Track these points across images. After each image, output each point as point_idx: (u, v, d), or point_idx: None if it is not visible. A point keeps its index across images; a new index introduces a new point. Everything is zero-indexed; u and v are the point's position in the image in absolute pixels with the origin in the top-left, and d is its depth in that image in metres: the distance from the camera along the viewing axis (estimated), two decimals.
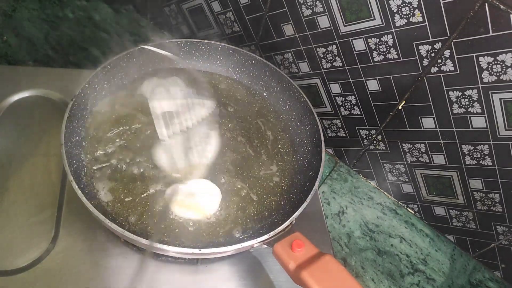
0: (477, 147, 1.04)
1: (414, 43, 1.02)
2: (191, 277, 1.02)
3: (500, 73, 0.92)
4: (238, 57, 1.33)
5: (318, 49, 1.21)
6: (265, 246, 0.94)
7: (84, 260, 0.99)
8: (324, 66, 1.23)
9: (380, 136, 1.22)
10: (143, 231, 0.97)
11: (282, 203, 1.11)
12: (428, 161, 1.16)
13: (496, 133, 0.99)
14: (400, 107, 1.13)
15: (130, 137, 1.12)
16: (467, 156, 1.07)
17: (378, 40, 1.08)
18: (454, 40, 0.95)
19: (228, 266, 1.05)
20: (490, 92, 0.96)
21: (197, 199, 1.01)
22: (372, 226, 1.43)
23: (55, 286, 0.94)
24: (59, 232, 1.02)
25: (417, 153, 1.16)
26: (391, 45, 1.06)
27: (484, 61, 0.93)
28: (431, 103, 1.07)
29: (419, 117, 1.11)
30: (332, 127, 1.33)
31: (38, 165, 1.14)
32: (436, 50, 0.99)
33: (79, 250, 1.00)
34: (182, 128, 1.11)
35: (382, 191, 1.33)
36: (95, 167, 1.05)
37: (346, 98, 1.23)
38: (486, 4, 0.88)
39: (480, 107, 0.99)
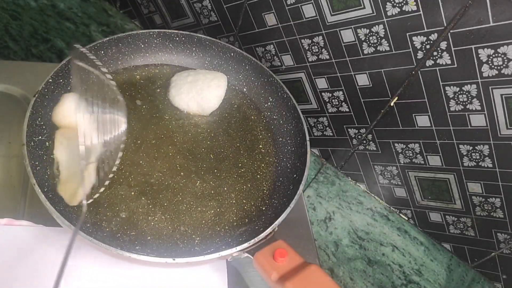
0: (476, 147, 1.04)
1: (407, 34, 1.01)
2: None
3: (501, 67, 0.92)
4: (215, 49, 1.32)
5: (303, 40, 1.21)
6: (245, 255, 0.93)
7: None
8: (310, 59, 1.22)
9: (371, 135, 1.22)
10: (113, 238, 0.96)
11: (264, 208, 1.10)
12: (422, 162, 1.15)
13: (497, 132, 0.99)
14: (392, 104, 1.13)
15: None
16: (465, 157, 1.07)
17: (368, 30, 1.07)
18: (451, 31, 0.95)
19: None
20: (490, 87, 0.95)
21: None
22: (361, 234, 1.43)
23: None
24: None
25: (411, 154, 1.16)
26: (382, 36, 1.05)
27: (484, 53, 0.93)
28: (426, 100, 1.06)
29: (413, 114, 1.10)
30: (318, 125, 1.33)
31: None
32: (431, 42, 0.99)
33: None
34: None
35: (373, 195, 1.32)
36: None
37: (334, 94, 1.23)
38: None
39: (479, 104, 0.98)
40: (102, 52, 1.23)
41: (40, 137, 1.05)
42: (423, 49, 1.00)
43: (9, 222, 1.00)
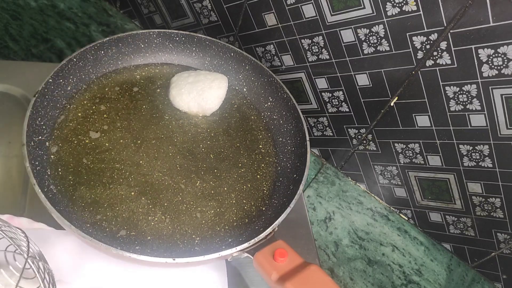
0: (476, 147, 1.04)
1: (407, 34, 1.01)
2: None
3: (501, 67, 0.92)
4: (215, 49, 1.32)
5: (303, 40, 1.21)
6: (245, 255, 0.93)
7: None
8: (310, 59, 1.22)
9: (371, 135, 1.22)
10: (113, 238, 0.96)
11: (264, 208, 1.10)
12: (422, 162, 1.15)
13: (497, 132, 0.99)
14: (392, 104, 1.13)
15: (98, 137, 1.11)
16: (465, 157, 1.07)
17: (368, 30, 1.07)
18: (451, 31, 0.95)
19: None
20: (490, 87, 0.95)
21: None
22: (361, 234, 1.43)
23: None
24: None
25: (411, 154, 1.16)
26: (382, 36, 1.05)
27: (484, 53, 0.93)
28: (426, 100, 1.06)
29: (413, 114, 1.10)
30: (318, 125, 1.33)
31: None
32: (431, 42, 0.99)
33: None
34: None
35: (373, 195, 1.32)
36: (60, 169, 1.04)
37: (334, 94, 1.23)
38: None
39: (479, 104, 0.98)
40: (102, 52, 1.23)
41: (40, 137, 1.05)
42: (423, 49, 1.00)
43: (9, 218, 1.00)
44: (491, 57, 0.92)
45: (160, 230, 1.00)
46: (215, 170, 1.13)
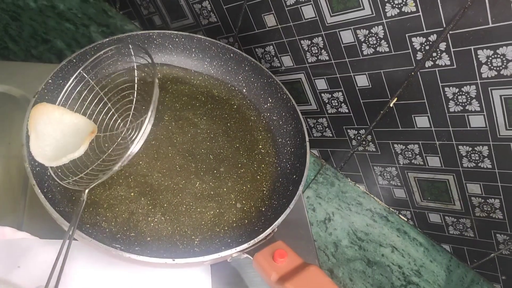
0: (475, 148, 1.04)
1: (406, 35, 1.01)
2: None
3: (501, 68, 0.92)
4: (215, 50, 1.32)
5: (302, 41, 1.21)
6: (245, 256, 0.93)
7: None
8: (309, 60, 1.22)
9: (370, 136, 1.22)
10: (113, 239, 0.96)
11: (263, 209, 1.10)
12: (422, 163, 1.15)
13: (496, 133, 0.99)
14: (391, 105, 1.13)
15: (97, 137, 1.11)
16: (464, 158, 1.07)
17: (367, 31, 1.07)
18: (450, 32, 0.95)
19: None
20: (489, 88, 0.95)
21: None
22: (361, 234, 1.43)
23: None
24: None
25: (410, 155, 1.16)
26: (381, 37, 1.05)
27: (483, 54, 0.93)
28: (425, 101, 1.06)
29: (412, 115, 1.10)
30: (318, 126, 1.33)
31: None
32: (430, 43, 0.99)
33: None
34: None
35: (372, 196, 1.32)
36: (59, 169, 1.04)
37: (333, 94, 1.23)
38: None
39: (478, 105, 0.98)
40: (102, 52, 1.23)
41: None
42: (423, 50, 1.00)
43: None
44: (490, 58, 0.92)
45: (159, 231, 1.00)
46: (215, 171, 1.13)
